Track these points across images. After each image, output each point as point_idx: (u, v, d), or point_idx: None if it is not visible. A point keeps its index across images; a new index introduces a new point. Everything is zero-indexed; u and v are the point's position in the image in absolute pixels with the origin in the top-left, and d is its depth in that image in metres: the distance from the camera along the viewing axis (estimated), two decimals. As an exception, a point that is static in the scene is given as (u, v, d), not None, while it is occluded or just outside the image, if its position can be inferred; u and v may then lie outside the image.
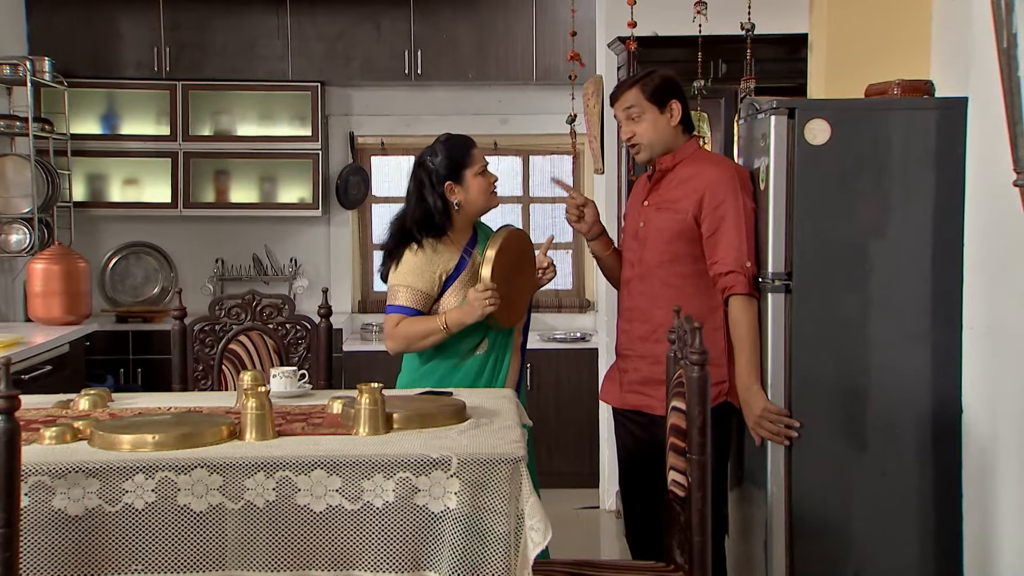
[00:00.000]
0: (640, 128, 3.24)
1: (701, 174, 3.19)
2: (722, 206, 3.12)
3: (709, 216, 3.13)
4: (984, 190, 2.91)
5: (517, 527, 2.33)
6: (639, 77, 3.30)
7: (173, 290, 6.09)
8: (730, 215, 3.11)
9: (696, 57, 4.25)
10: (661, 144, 3.25)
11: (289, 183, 6.08)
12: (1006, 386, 2.80)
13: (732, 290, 3.09)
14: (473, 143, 3.38)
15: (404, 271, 3.27)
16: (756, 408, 3.05)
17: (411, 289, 3.25)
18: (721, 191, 3.13)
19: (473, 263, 3.29)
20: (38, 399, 3.00)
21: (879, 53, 3.40)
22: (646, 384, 3.24)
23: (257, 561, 2.31)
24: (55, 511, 2.26)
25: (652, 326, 3.23)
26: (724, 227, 3.11)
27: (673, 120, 3.24)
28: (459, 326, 3.20)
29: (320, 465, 2.32)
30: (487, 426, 2.61)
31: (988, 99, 2.80)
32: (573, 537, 4.83)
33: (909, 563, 3.10)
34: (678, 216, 3.18)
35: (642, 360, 3.26)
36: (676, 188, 3.22)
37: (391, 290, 3.29)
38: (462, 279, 3.28)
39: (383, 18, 5.89)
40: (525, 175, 6.43)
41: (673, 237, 3.19)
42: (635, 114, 3.24)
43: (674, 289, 3.20)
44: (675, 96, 3.24)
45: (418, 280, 3.25)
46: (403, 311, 3.26)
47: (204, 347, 3.57)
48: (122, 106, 6.01)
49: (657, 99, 3.22)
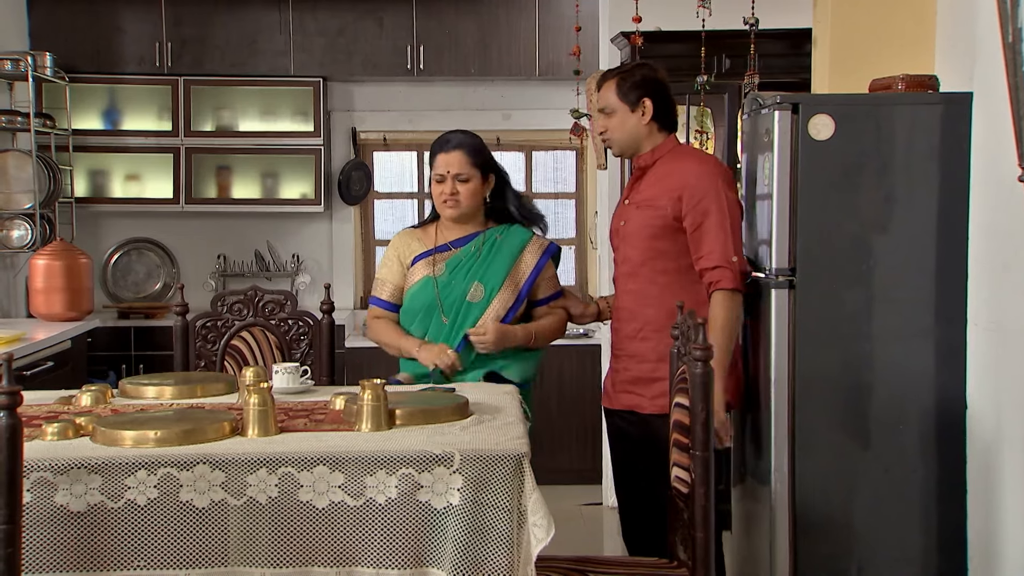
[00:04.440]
0: (611, 123, 3.26)
1: (680, 170, 3.18)
2: (704, 200, 3.10)
3: (691, 212, 3.12)
4: (989, 185, 2.90)
5: (520, 523, 2.32)
6: (617, 71, 3.30)
7: (175, 286, 6.03)
8: (713, 210, 3.10)
9: (699, 52, 4.25)
10: (632, 141, 3.25)
11: (291, 178, 6.07)
12: (1010, 382, 2.79)
13: (717, 285, 3.08)
14: (447, 149, 3.31)
15: (382, 260, 3.47)
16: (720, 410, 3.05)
17: (386, 283, 3.41)
18: (702, 186, 3.12)
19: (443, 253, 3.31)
20: (40, 395, 2.99)
21: (883, 48, 3.39)
22: (636, 383, 3.24)
23: (259, 557, 2.31)
24: (57, 507, 2.25)
25: (639, 324, 3.23)
26: (708, 222, 3.10)
27: (645, 118, 3.22)
28: (407, 355, 3.31)
29: (322, 461, 2.31)
30: (490, 422, 2.61)
31: (993, 94, 2.79)
32: (576, 533, 4.83)
33: (913, 559, 3.09)
34: (658, 213, 3.17)
35: (631, 359, 3.26)
36: (655, 185, 3.21)
37: (375, 279, 3.47)
38: (426, 261, 3.34)
39: (385, 13, 5.88)
40: (528, 171, 6.43)
41: (654, 234, 3.18)
42: (608, 110, 3.26)
43: (659, 286, 3.19)
44: (649, 94, 3.21)
45: (389, 272, 3.41)
46: (380, 305, 3.41)
47: (206, 343, 3.57)
48: (123, 101, 6.00)
49: (629, 97, 3.21)
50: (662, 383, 3.14)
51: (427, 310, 3.29)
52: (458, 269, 3.30)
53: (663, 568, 2.74)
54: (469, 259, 3.31)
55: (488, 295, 3.29)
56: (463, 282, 3.28)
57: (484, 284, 3.29)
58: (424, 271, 3.32)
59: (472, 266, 3.30)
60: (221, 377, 3.20)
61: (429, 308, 3.29)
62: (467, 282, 3.28)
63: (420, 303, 3.30)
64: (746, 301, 3.18)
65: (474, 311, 3.27)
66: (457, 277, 3.29)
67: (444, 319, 3.28)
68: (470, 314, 3.27)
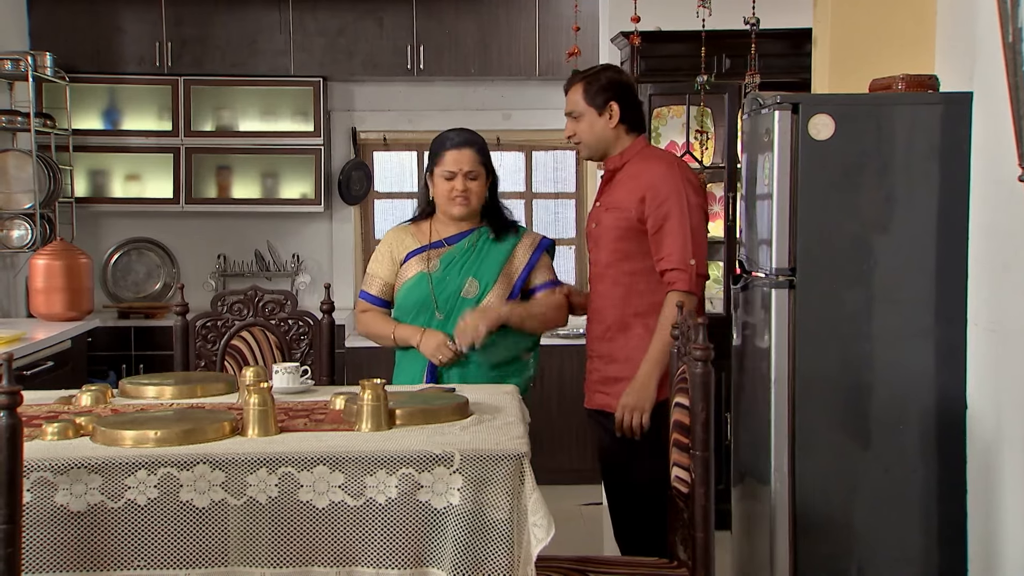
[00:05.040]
0: (580, 127, 3.27)
1: (645, 172, 3.20)
2: (666, 203, 3.13)
3: (653, 213, 3.14)
4: (989, 185, 2.90)
5: (520, 523, 2.32)
6: (583, 75, 3.31)
7: (175, 286, 6.04)
8: (675, 212, 3.12)
9: (700, 52, 4.25)
10: (600, 144, 3.27)
11: (291, 178, 6.07)
12: (1010, 382, 2.79)
13: (672, 286, 3.11)
14: (457, 145, 3.31)
15: (374, 255, 3.45)
16: (643, 401, 3.09)
17: (377, 278, 3.41)
18: (665, 188, 3.14)
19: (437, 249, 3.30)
20: (40, 395, 2.99)
21: (883, 47, 3.40)
22: (605, 383, 3.27)
23: (259, 557, 2.31)
24: (57, 507, 2.25)
25: (606, 325, 3.27)
26: (668, 224, 3.12)
27: (612, 121, 3.23)
28: (404, 343, 3.31)
29: (323, 461, 2.31)
30: (490, 422, 2.61)
31: (993, 94, 2.79)
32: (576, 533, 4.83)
33: (913, 559, 3.09)
34: (622, 215, 3.20)
35: (600, 360, 3.30)
36: (622, 187, 3.24)
37: (366, 274, 3.46)
38: (420, 257, 3.32)
39: (385, 13, 5.88)
40: (528, 171, 6.42)
41: (620, 236, 3.21)
42: (575, 114, 3.27)
43: (623, 287, 3.23)
44: (616, 97, 3.23)
45: (380, 267, 3.41)
46: (370, 299, 3.41)
47: (206, 343, 3.57)
48: (124, 101, 5.99)
49: (596, 101, 3.23)
50: (629, 383, 3.16)
51: (421, 306, 3.29)
52: (452, 265, 3.30)
53: (663, 568, 2.74)
54: (463, 255, 3.31)
55: (482, 290, 3.28)
56: (457, 278, 3.28)
57: (478, 280, 3.28)
58: (418, 267, 3.32)
59: (466, 262, 3.30)
60: (221, 377, 3.20)
61: (424, 304, 3.29)
62: (461, 278, 3.28)
63: (414, 299, 3.30)
64: (743, 300, 3.18)
65: (467, 305, 3.26)
66: (451, 273, 3.29)
67: (438, 315, 3.27)
68: (464, 310, 3.26)
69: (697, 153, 4.73)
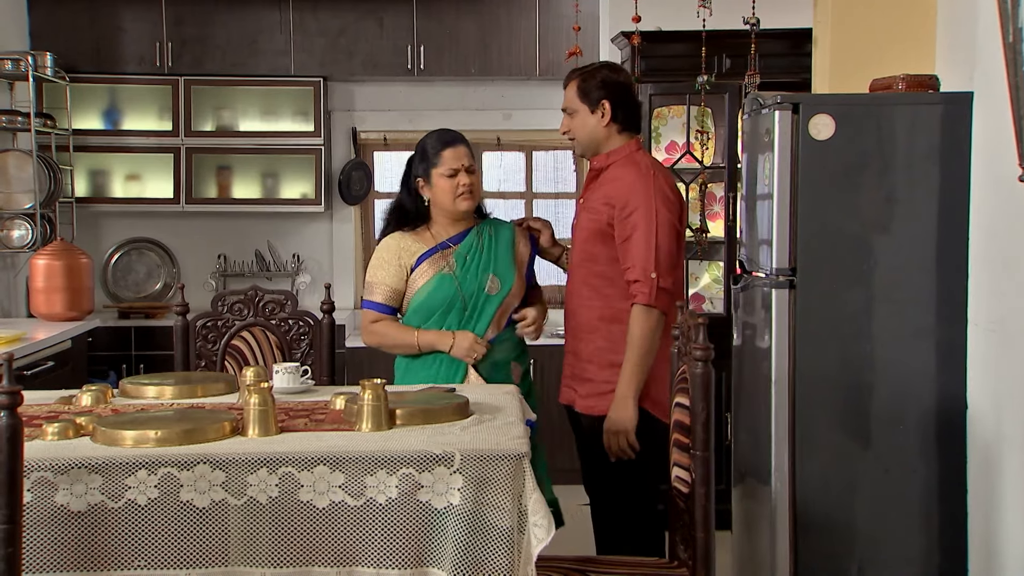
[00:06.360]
0: (573, 124, 3.28)
1: (622, 179, 3.20)
2: (635, 214, 3.12)
3: (621, 223, 3.15)
4: (989, 185, 2.90)
5: (520, 523, 2.32)
6: (580, 72, 3.31)
7: (175, 286, 6.04)
8: (642, 225, 3.11)
9: (700, 52, 4.25)
10: (592, 142, 3.28)
11: (291, 178, 6.07)
12: (1010, 382, 2.79)
13: (634, 299, 3.12)
14: (451, 143, 3.31)
15: (375, 264, 3.36)
16: (624, 422, 3.09)
17: (383, 285, 3.32)
18: (635, 199, 3.13)
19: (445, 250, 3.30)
20: (40, 395, 2.99)
21: (883, 47, 3.40)
22: (573, 379, 3.33)
23: (260, 557, 2.31)
24: (58, 507, 2.25)
25: (575, 323, 3.30)
26: (636, 235, 3.12)
27: (604, 119, 3.23)
28: (430, 349, 3.27)
29: (323, 461, 2.31)
30: (490, 422, 2.61)
31: (994, 94, 2.79)
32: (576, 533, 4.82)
33: (913, 559, 3.09)
34: (594, 217, 3.21)
35: (572, 355, 3.35)
36: (600, 189, 3.25)
37: (367, 284, 3.37)
38: (432, 260, 3.30)
39: (385, 13, 5.88)
40: (528, 170, 6.42)
41: (590, 237, 3.23)
42: (569, 110, 3.28)
43: (590, 288, 3.24)
44: (608, 96, 3.22)
45: (387, 275, 3.32)
46: (378, 308, 3.33)
47: (207, 343, 3.57)
48: (124, 101, 5.99)
49: (590, 98, 3.23)
50: (591, 384, 3.18)
51: (447, 306, 3.28)
52: (468, 263, 3.30)
53: (663, 568, 2.74)
54: (474, 253, 3.31)
55: (506, 285, 3.30)
56: (477, 275, 3.28)
57: (499, 275, 3.30)
58: (433, 269, 3.29)
59: (481, 259, 3.30)
60: (221, 377, 3.19)
61: (450, 303, 3.27)
62: (481, 275, 3.28)
63: (439, 300, 3.28)
64: (743, 300, 3.18)
65: (493, 302, 3.28)
66: (470, 271, 3.29)
67: (467, 313, 3.28)
68: (488, 306, 3.28)
69: (697, 153, 4.73)
